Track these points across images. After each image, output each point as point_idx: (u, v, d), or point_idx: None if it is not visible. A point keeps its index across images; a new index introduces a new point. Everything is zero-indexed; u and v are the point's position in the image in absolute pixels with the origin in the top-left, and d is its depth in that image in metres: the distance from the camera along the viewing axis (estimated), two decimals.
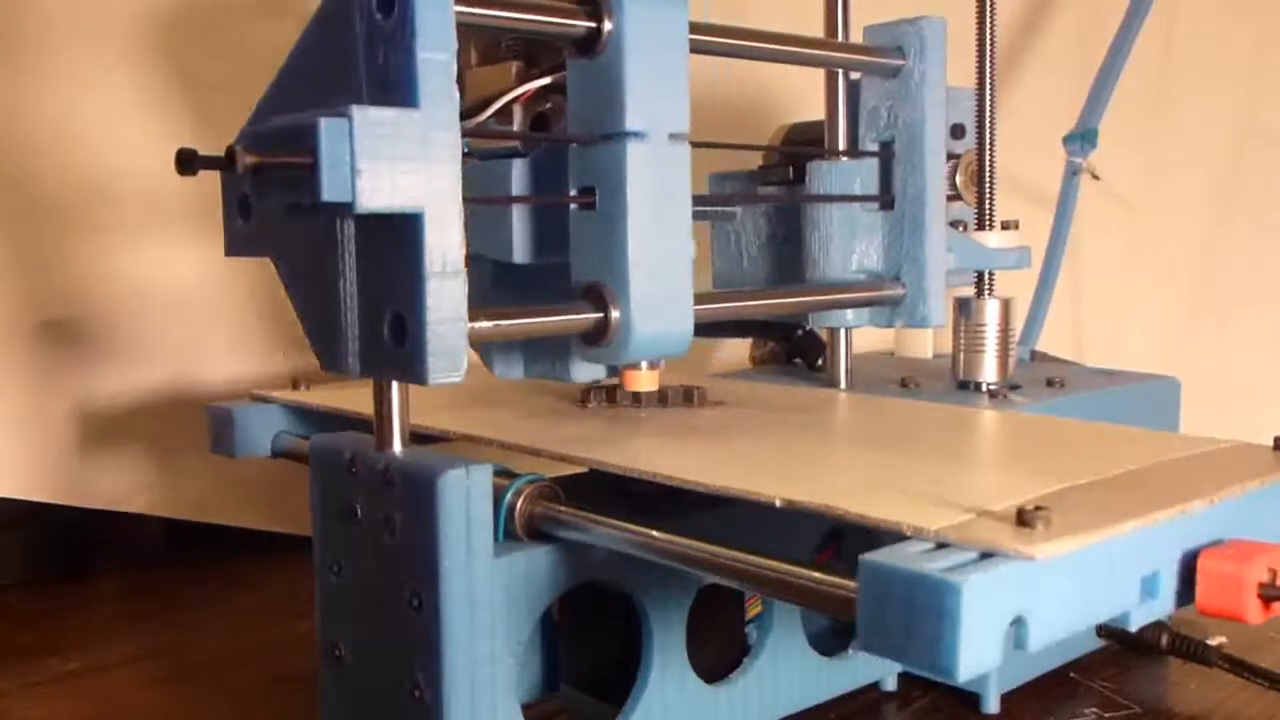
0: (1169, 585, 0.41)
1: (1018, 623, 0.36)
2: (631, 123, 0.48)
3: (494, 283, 0.56)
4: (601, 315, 0.49)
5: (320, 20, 0.46)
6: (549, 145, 0.53)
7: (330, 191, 0.40)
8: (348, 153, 0.40)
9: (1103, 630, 0.68)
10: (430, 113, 0.42)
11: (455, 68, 0.43)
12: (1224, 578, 0.40)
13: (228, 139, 0.45)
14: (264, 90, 0.49)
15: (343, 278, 0.46)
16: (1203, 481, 0.44)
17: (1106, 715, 0.63)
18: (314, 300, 0.47)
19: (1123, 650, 0.69)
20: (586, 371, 0.54)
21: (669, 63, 0.49)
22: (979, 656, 0.34)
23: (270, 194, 0.43)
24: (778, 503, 0.43)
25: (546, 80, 0.54)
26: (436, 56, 0.42)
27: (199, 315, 0.90)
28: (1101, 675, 0.67)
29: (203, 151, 0.42)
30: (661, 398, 0.62)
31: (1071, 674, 0.67)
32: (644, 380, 0.56)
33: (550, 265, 0.52)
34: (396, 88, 0.42)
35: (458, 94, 0.43)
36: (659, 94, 0.49)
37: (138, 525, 0.94)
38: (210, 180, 0.48)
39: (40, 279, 0.86)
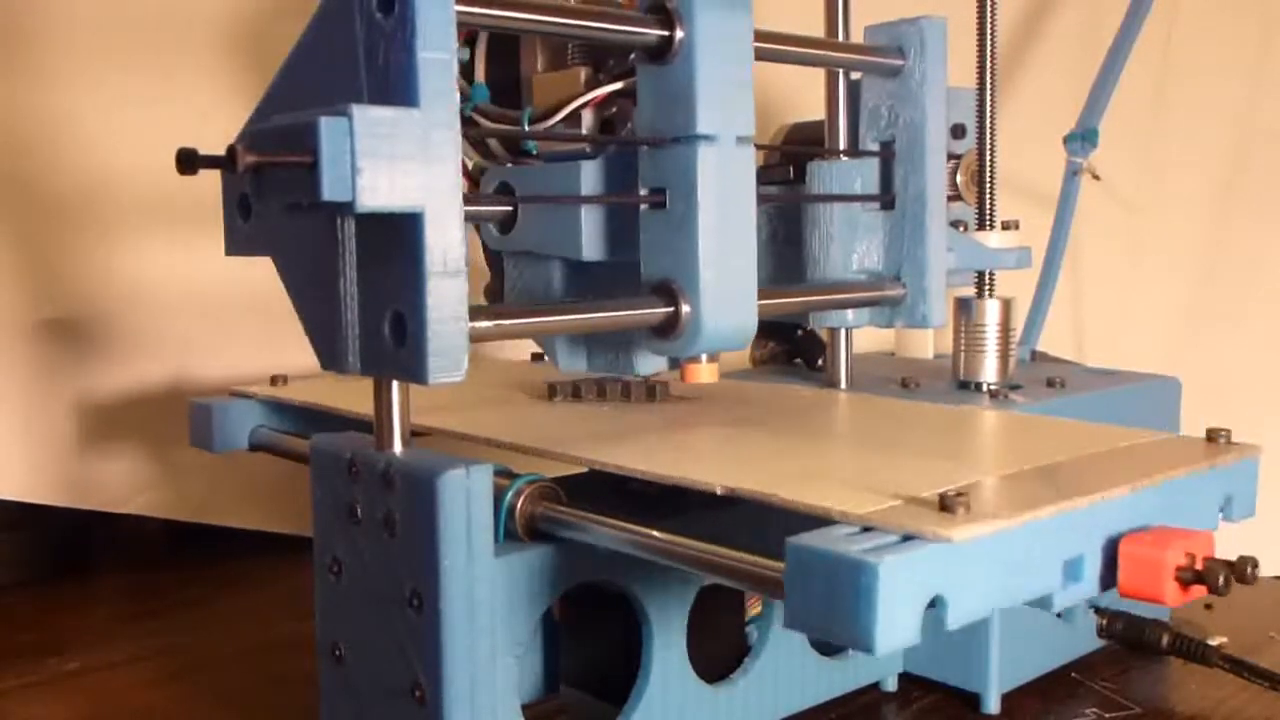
0: (1093, 569, 0.43)
1: (937, 602, 0.38)
2: (703, 126, 0.50)
3: (563, 281, 0.58)
4: (672, 310, 0.51)
5: (320, 19, 0.46)
6: (616, 148, 0.55)
7: (330, 191, 0.40)
8: (348, 152, 0.40)
9: (1103, 630, 0.68)
10: (430, 112, 0.42)
11: (456, 67, 0.43)
12: (1143, 561, 0.42)
13: (228, 138, 0.45)
14: (264, 89, 0.49)
15: (343, 277, 0.46)
16: (1132, 471, 0.46)
17: (1106, 715, 0.63)
18: (314, 299, 0.47)
19: (1123, 650, 0.69)
20: (651, 364, 0.57)
21: (736, 68, 0.51)
22: (896, 633, 0.36)
23: (270, 193, 0.43)
24: (719, 490, 0.45)
25: (618, 85, 0.56)
26: (437, 56, 0.42)
27: (199, 315, 0.90)
28: (1101, 675, 0.67)
29: (203, 151, 0.42)
30: (625, 393, 0.65)
31: (1071, 674, 0.67)
32: (704, 373, 0.57)
33: (617, 263, 0.54)
34: (397, 87, 0.42)
35: (458, 94, 0.43)
36: (728, 99, 0.51)
37: (138, 525, 0.94)
38: (210, 179, 0.48)
39: (40, 278, 0.86)
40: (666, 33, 0.50)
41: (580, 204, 0.54)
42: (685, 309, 0.51)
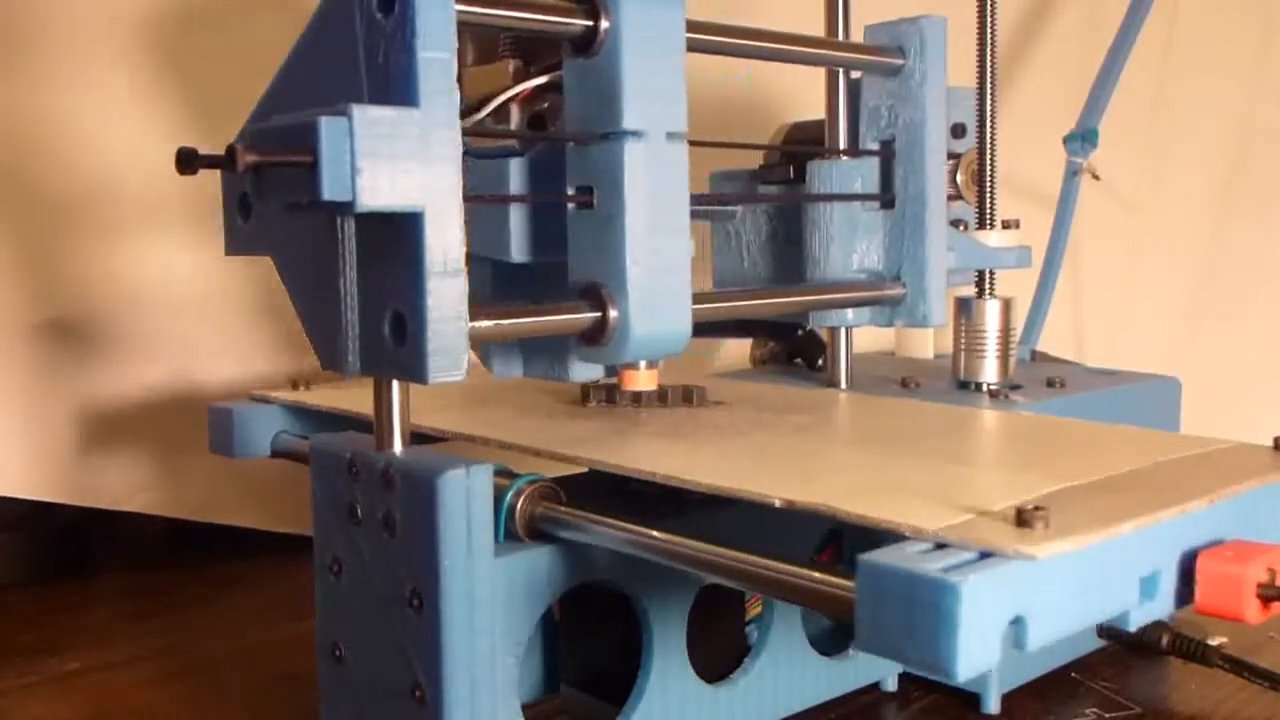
0: (1168, 585, 0.41)
1: (1017, 622, 0.36)
2: (629, 122, 0.48)
3: (493, 282, 0.56)
4: (599, 315, 0.49)
5: (320, 19, 0.46)
6: (546, 144, 0.53)
7: (330, 190, 0.40)
8: (348, 151, 0.40)
9: (1103, 630, 0.68)
10: (430, 112, 0.42)
11: (455, 67, 0.43)
12: (1223, 578, 0.40)
13: (228, 138, 0.45)
14: (264, 89, 0.49)
15: (343, 277, 0.46)
16: (1202, 482, 0.44)
17: (1106, 715, 0.63)
18: (314, 299, 0.47)
19: (1123, 650, 0.69)
20: (584, 371, 0.54)
21: (666, 62, 0.49)
22: (978, 656, 0.34)
23: (270, 193, 0.43)
24: (777, 503, 0.43)
25: (544, 79, 0.54)
26: (437, 56, 0.42)
27: (199, 314, 0.90)
28: (1101, 675, 0.67)
29: (203, 150, 0.42)
30: (661, 397, 0.62)
31: (1072, 674, 0.67)
32: (642, 380, 0.56)
33: (548, 265, 0.52)
34: (397, 87, 0.42)
35: (458, 93, 0.43)
36: (656, 93, 0.49)
37: (138, 525, 0.94)
38: (210, 179, 0.48)
39: (40, 278, 0.86)
40: (591, 23, 0.48)
41: (507, 203, 0.52)
42: (613, 314, 0.49)
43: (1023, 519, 0.38)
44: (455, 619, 0.46)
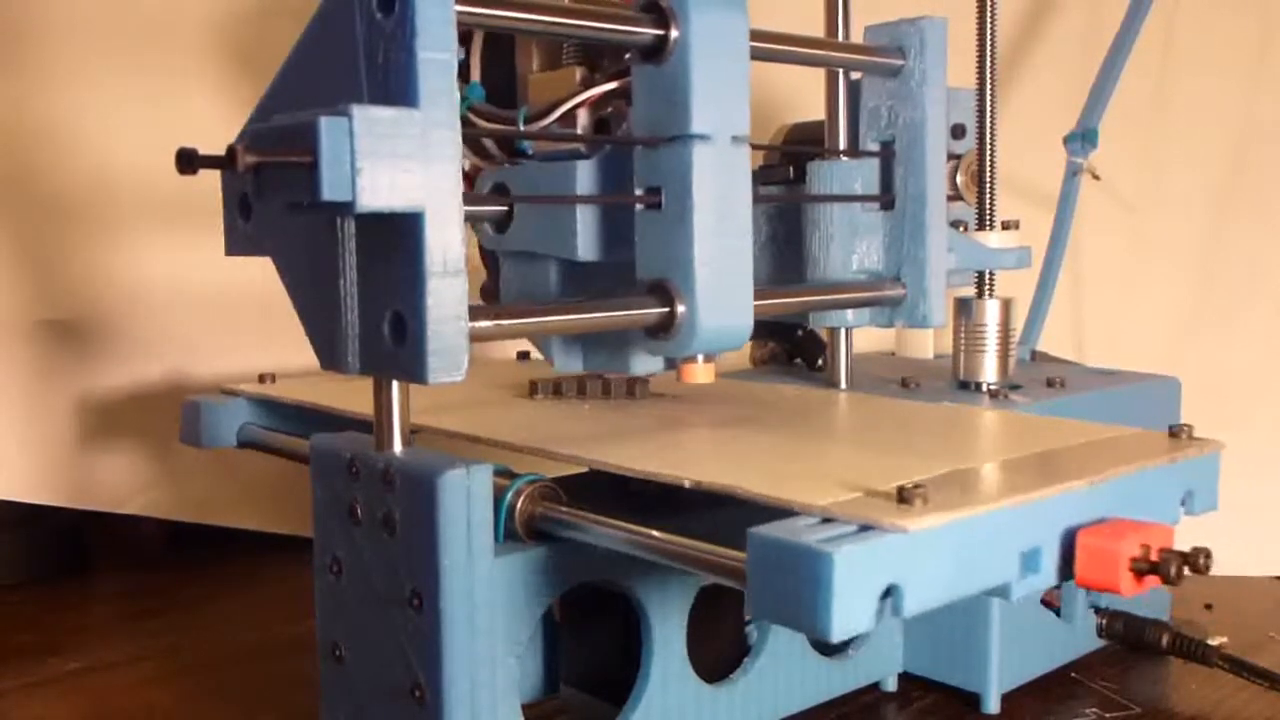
0: (1050, 560, 0.43)
1: (892, 590, 0.39)
2: (697, 126, 0.50)
3: (559, 281, 0.58)
4: (668, 310, 0.51)
5: (320, 19, 0.46)
6: (610, 148, 0.55)
7: (330, 190, 0.40)
8: (348, 151, 0.40)
9: (1103, 630, 0.68)
10: (430, 112, 0.42)
11: (456, 67, 0.43)
12: (1099, 552, 0.43)
13: (228, 137, 0.45)
14: (264, 89, 0.49)
15: (343, 277, 0.46)
16: (1094, 464, 0.47)
17: (1106, 715, 0.63)
18: (314, 299, 0.47)
19: (1123, 650, 0.69)
20: (646, 364, 0.57)
21: (732, 68, 0.51)
22: (852, 620, 0.37)
23: (270, 193, 0.43)
24: (687, 484, 0.45)
25: (613, 85, 0.56)
26: (437, 56, 0.42)
27: (199, 314, 0.90)
28: (1101, 675, 0.67)
29: (203, 150, 0.42)
30: (604, 390, 0.65)
31: (1071, 674, 0.67)
32: (701, 373, 0.57)
33: (613, 263, 0.54)
34: (397, 87, 0.42)
35: (458, 93, 0.43)
36: (723, 98, 0.50)
37: (138, 525, 0.94)
38: (211, 179, 0.48)
39: (40, 278, 0.86)
40: (661, 32, 0.50)
41: (575, 204, 0.54)
42: (681, 309, 0.51)
43: (903, 496, 0.41)
44: (455, 619, 0.46)
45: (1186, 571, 0.42)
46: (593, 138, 0.57)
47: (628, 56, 0.53)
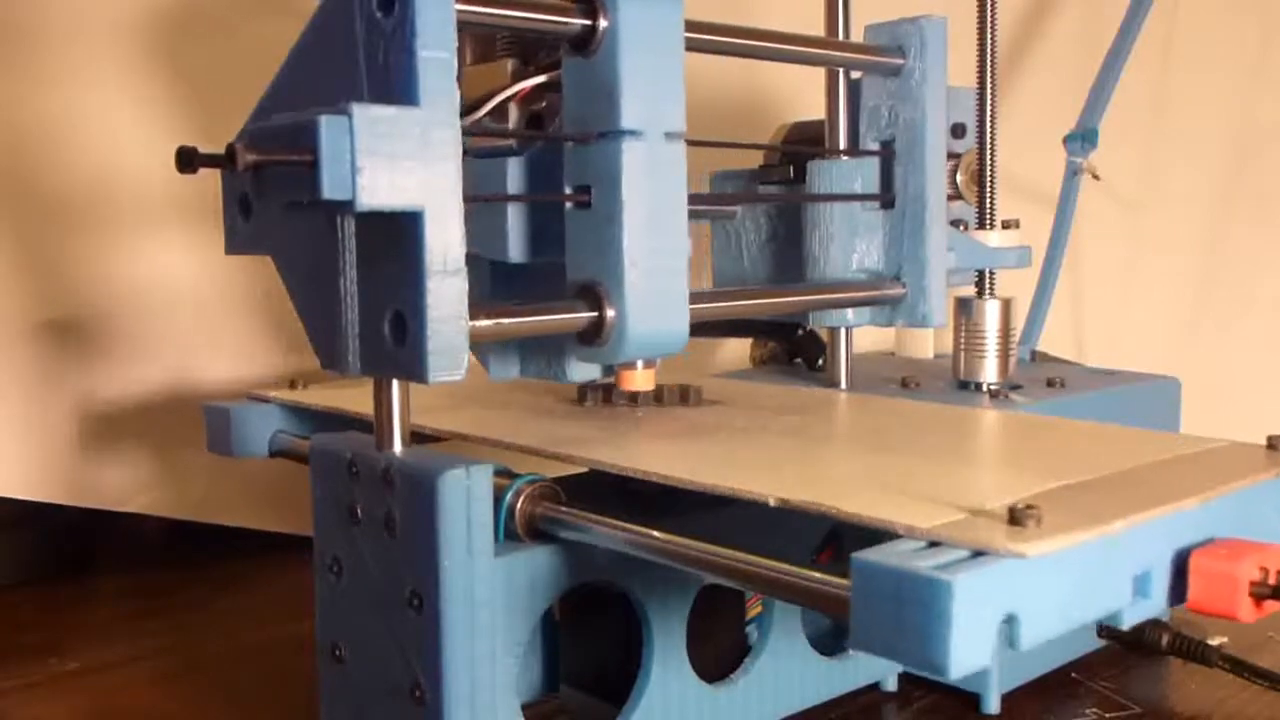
0: (1161, 584, 0.41)
1: (1009, 621, 0.36)
2: (627, 121, 0.48)
3: (491, 282, 0.56)
4: (596, 314, 0.49)
5: (321, 19, 0.46)
6: (545, 144, 0.53)
7: (331, 189, 0.40)
8: (348, 150, 0.40)
9: (1103, 630, 0.68)
10: (431, 111, 0.42)
11: (456, 66, 0.43)
12: (1216, 576, 0.40)
13: (228, 137, 0.45)
14: (264, 89, 0.49)
15: (343, 276, 0.46)
16: (1196, 481, 0.44)
17: (1106, 715, 0.63)
18: (314, 299, 0.47)
19: (1123, 650, 0.69)
20: (582, 371, 0.54)
21: (664, 62, 0.49)
22: (971, 654, 0.35)
23: (271, 192, 0.43)
24: (771, 502, 0.43)
25: (543, 78, 0.54)
26: (437, 55, 0.42)
27: (199, 314, 0.90)
28: (1101, 675, 0.67)
29: (203, 150, 0.42)
30: (658, 397, 0.62)
31: (1072, 674, 0.67)
32: (639, 380, 0.56)
33: (546, 264, 0.52)
34: (397, 86, 0.42)
35: (458, 92, 0.43)
36: (654, 92, 0.49)
37: (138, 525, 0.94)
38: (211, 179, 0.48)
39: (40, 278, 0.86)
40: (589, 22, 0.48)
41: (505, 203, 0.52)
42: (610, 313, 0.49)
43: (1015, 518, 0.38)
44: (455, 619, 0.46)
45: None
46: (520, 133, 0.55)
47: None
